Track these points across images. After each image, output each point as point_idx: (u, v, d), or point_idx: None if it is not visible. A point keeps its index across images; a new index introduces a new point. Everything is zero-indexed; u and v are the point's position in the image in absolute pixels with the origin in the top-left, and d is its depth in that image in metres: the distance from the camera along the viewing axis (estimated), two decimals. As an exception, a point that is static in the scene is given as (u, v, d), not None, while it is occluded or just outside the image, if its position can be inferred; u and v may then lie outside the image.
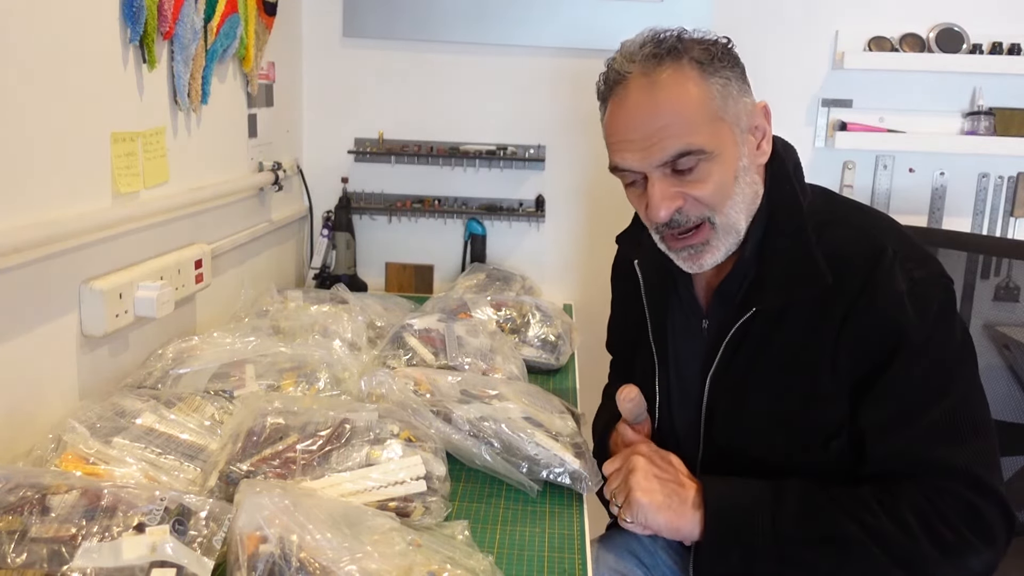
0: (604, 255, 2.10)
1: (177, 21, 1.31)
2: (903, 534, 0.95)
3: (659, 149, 1.00)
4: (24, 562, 0.72)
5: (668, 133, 0.99)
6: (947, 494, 0.96)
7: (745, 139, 1.05)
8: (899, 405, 1.00)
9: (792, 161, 1.12)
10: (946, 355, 1.01)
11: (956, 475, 0.97)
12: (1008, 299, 1.61)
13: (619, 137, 1.04)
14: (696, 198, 1.03)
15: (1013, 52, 1.99)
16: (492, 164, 2.13)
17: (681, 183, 1.02)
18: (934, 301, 1.01)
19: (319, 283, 2.06)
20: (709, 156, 1.01)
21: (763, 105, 1.08)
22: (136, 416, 1.04)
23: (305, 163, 2.13)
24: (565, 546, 0.98)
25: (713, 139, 1.01)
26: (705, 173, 1.01)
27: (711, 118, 1.01)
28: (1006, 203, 2.10)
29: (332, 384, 1.23)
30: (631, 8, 2.03)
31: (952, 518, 0.95)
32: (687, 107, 1.00)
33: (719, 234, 1.05)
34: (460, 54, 2.10)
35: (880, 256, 1.01)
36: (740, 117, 1.04)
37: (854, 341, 1.01)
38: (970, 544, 0.95)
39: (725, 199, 1.03)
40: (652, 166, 1.02)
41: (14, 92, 1.00)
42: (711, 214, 1.04)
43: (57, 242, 1.07)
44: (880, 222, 1.10)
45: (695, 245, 1.06)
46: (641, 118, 1.01)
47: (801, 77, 2.09)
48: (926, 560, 0.96)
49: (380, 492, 0.94)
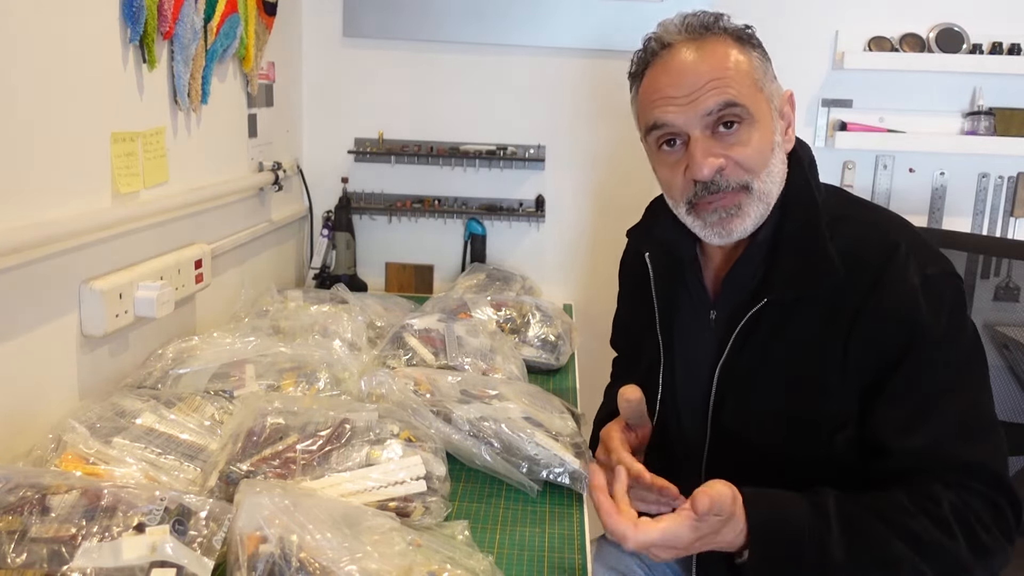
0: (604, 255, 2.11)
1: (177, 21, 1.31)
2: (949, 540, 0.94)
3: (705, 101, 1.02)
4: (24, 562, 0.72)
5: (716, 86, 1.02)
6: (977, 495, 0.96)
7: (778, 119, 1.07)
8: (918, 402, 0.99)
9: (807, 157, 1.13)
10: (960, 352, 1.01)
11: (980, 474, 0.96)
12: (1008, 299, 1.61)
13: (662, 95, 1.05)
14: (737, 161, 1.03)
15: (1013, 52, 1.99)
16: (492, 164, 2.13)
17: (723, 144, 1.03)
18: (946, 298, 1.01)
19: (319, 283, 2.06)
20: (751, 119, 1.03)
21: (789, 94, 1.10)
22: (136, 416, 1.04)
23: (305, 163, 2.13)
24: (565, 546, 0.98)
25: (755, 104, 1.03)
26: (747, 135, 1.03)
27: (753, 85, 1.04)
28: (1006, 203, 2.10)
29: (332, 384, 1.23)
30: (631, 8, 2.03)
31: (986, 519, 0.95)
32: (732, 67, 1.03)
33: (754, 200, 1.05)
34: (460, 54, 2.10)
35: (893, 252, 1.01)
36: (774, 96, 1.07)
37: (865, 336, 1.01)
38: (998, 543, 0.95)
39: (764, 166, 1.04)
40: (697, 117, 1.03)
41: (14, 92, 1.00)
42: (750, 179, 1.04)
43: (57, 242, 1.07)
44: (893, 220, 1.11)
45: (728, 208, 1.05)
46: (687, 75, 1.03)
47: (801, 77, 2.09)
48: (964, 565, 0.95)
49: (380, 492, 0.94)
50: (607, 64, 2.07)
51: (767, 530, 0.95)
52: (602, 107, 2.11)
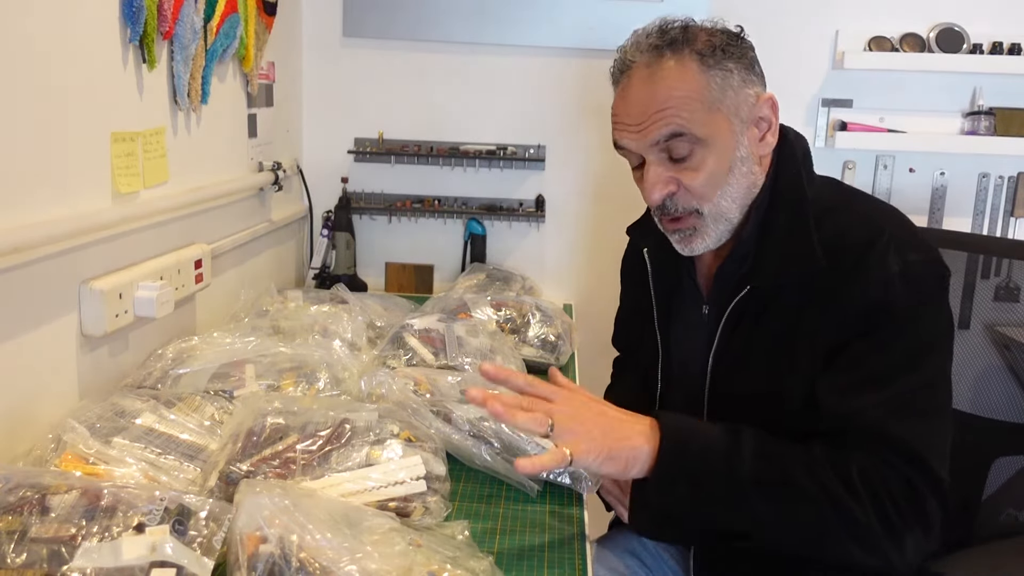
0: (604, 255, 2.11)
1: (177, 21, 1.31)
2: (853, 500, 0.94)
3: (651, 131, 1.05)
4: (24, 562, 0.72)
5: (661, 117, 1.04)
6: (892, 468, 0.95)
7: (745, 129, 1.07)
8: (863, 374, 1.00)
9: (801, 149, 1.13)
10: (923, 337, 1.01)
11: (901, 450, 0.96)
12: (1008, 299, 1.61)
13: (620, 119, 1.10)
14: (688, 187, 1.06)
15: (1013, 52, 1.99)
16: (492, 164, 2.13)
17: (675, 169, 1.06)
18: (924, 284, 1.02)
19: (319, 283, 2.06)
20: (703, 143, 1.04)
21: (769, 97, 1.10)
22: (136, 416, 1.04)
23: (305, 163, 2.13)
24: (565, 546, 0.98)
25: (707, 128, 1.04)
26: (699, 161, 1.05)
27: (707, 108, 1.04)
28: (1006, 203, 2.10)
29: (332, 384, 1.23)
30: (631, 8, 2.03)
31: (895, 493, 0.94)
32: (682, 95, 1.04)
33: (707, 222, 1.08)
34: (460, 54, 2.10)
35: (875, 239, 1.02)
36: (740, 108, 1.06)
37: (836, 319, 1.02)
38: (908, 525, 0.94)
39: (716, 188, 1.06)
40: (646, 146, 1.06)
41: (14, 92, 1.00)
42: (699, 205, 1.07)
43: (57, 242, 1.07)
44: (883, 209, 1.11)
45: (683, 230, 1.10)
46: (639, 103, 1.06)
47: (801, 77, 2.09)
48: (870, 531, 0.94)
49: (380, 492, 0.94)
50: (607, 64, 2.05)
51: (678, 431, 0.99)
52: (602, 107, 2.08)
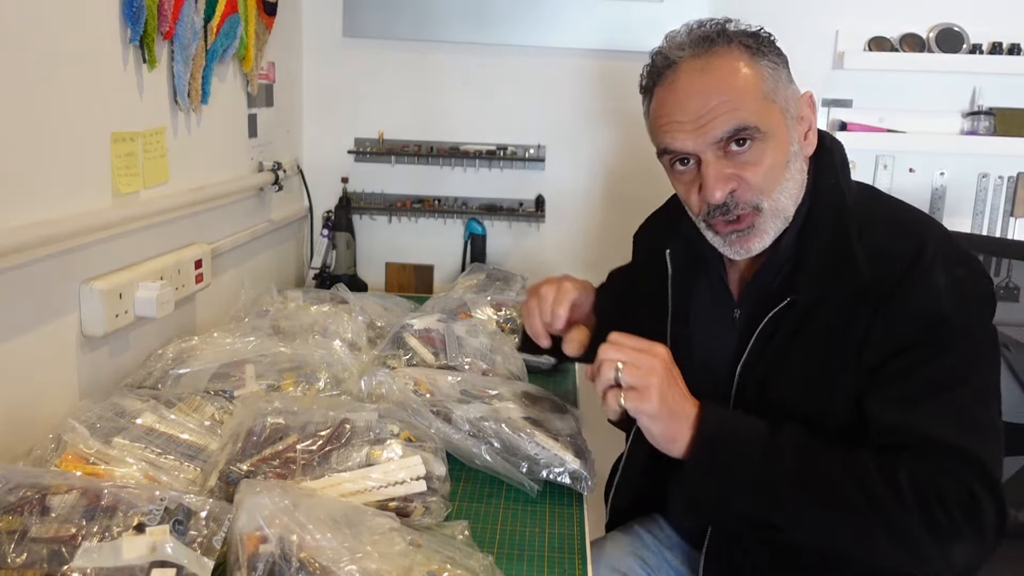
0: (604, 255, 2.11)
1: (177, 21, 1.31)
2: (897, 504, 0.91)
3: (713, 127, 1.01)
4: (24, 562, 0.72)
5: (722, 111, 1.00)
6: (949, 475, 0.92)
7: (794, 126, 1.06)
8: (915, 386, 0.97)
9: (840, 156, 1.11)
10: (974, 350, 0.99)
11: (962, 458, 0.93)
12: (1008, 299, 1.61)
13: (670, 119, 1.04)
14: (749, 182, 1.02)
15: (1013, 52, 1.99)
16: (492, 164, 2.13)
17: (735, 164, 1.02)
18: (972, 298, 1.00)
19: (319, 283, 2.06)
20: (763, 136, 1.01)
21: (808, 95, 1.08)
22: (136, 416, 1.04)
23: (305, 163, 2.13)
24: (565, 546, 0.98)
25: (766, 119, 1.01)
26: (759, 154, 1.02)
27: (763, 98, 1.02)
28: (1006, 203, 2.10)
29: (332, 384, 1.23)
30: (631, 8, 2.03)
31: (949, 500, 0.91)
32: (740, 86, 1.01)
33: (766, 218, 1.05)
34: (460, 54, 2.10)
35: (921, 254, 0.99)
36: (789, 103, 1.05)
37: (881, 335, 0.99)
38: (960, 531, 0.91)
39: (776, 183, 1.03)
40: (707, 144, 1.02)
41: (14, 92, 1.00)
42: (760, 200, 1.03)
43: (57, 242, 1.07)
44: (923, 220, 1.09)
45: (741, 230, 1.05)
46: (694, 99, 1.01)
47: (801, 77, 2.05)
48: (914, 538, 0.92)
49: (380, 492, 0.94)
50: (607, 64, 2.07)
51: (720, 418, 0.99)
52: (602, 107, 2.11)
